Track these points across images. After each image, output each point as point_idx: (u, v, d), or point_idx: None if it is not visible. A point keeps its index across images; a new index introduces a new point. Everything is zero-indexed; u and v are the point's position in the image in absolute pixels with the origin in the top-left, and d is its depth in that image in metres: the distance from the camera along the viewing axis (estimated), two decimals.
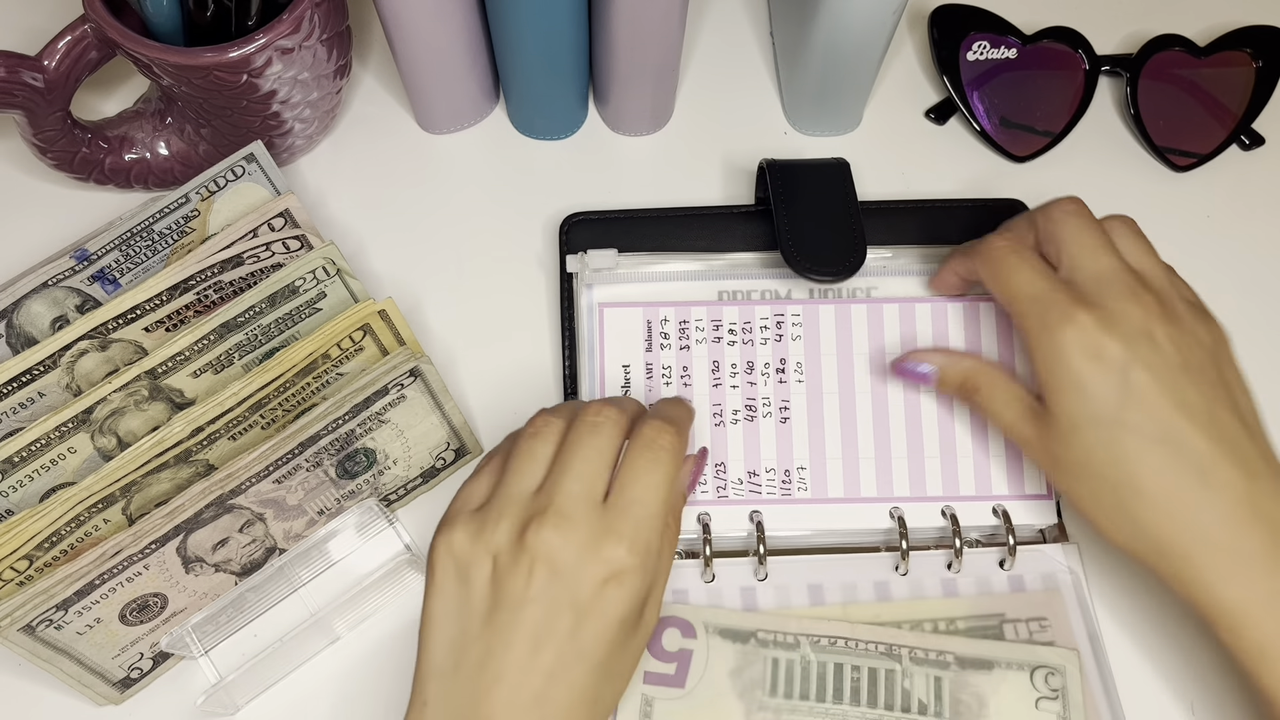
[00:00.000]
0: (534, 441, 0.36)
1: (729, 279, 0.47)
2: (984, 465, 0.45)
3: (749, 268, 0.47)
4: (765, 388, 0.45)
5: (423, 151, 0.54)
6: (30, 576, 0.38)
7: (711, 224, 0.49)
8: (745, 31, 0.58)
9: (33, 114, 0.44)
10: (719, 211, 0.49)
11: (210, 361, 0.41)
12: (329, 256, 0.42)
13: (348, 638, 0.44)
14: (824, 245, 0.45)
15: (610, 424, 0.36)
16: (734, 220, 0.49)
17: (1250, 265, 0.52)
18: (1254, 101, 0.54)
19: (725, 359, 0.46)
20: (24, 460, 0.39)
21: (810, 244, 0.45)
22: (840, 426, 0.45)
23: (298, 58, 0.45)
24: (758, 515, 0.44)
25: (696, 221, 0.49)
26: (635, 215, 0.49)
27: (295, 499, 0.42)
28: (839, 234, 0.45)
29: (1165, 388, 0.37)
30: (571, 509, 0.34)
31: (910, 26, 0.58)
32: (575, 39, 0.48)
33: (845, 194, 0.47)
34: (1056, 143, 0.54)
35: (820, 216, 0.46)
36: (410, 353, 0.41)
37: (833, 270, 0.45)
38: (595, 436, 0.36)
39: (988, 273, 0.41)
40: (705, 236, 0.48)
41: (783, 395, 0.45)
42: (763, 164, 0.48)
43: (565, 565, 0.33)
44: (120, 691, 0.42)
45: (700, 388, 0.45)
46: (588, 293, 0.47)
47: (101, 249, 0.43)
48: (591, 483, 0.35)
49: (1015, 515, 0.44)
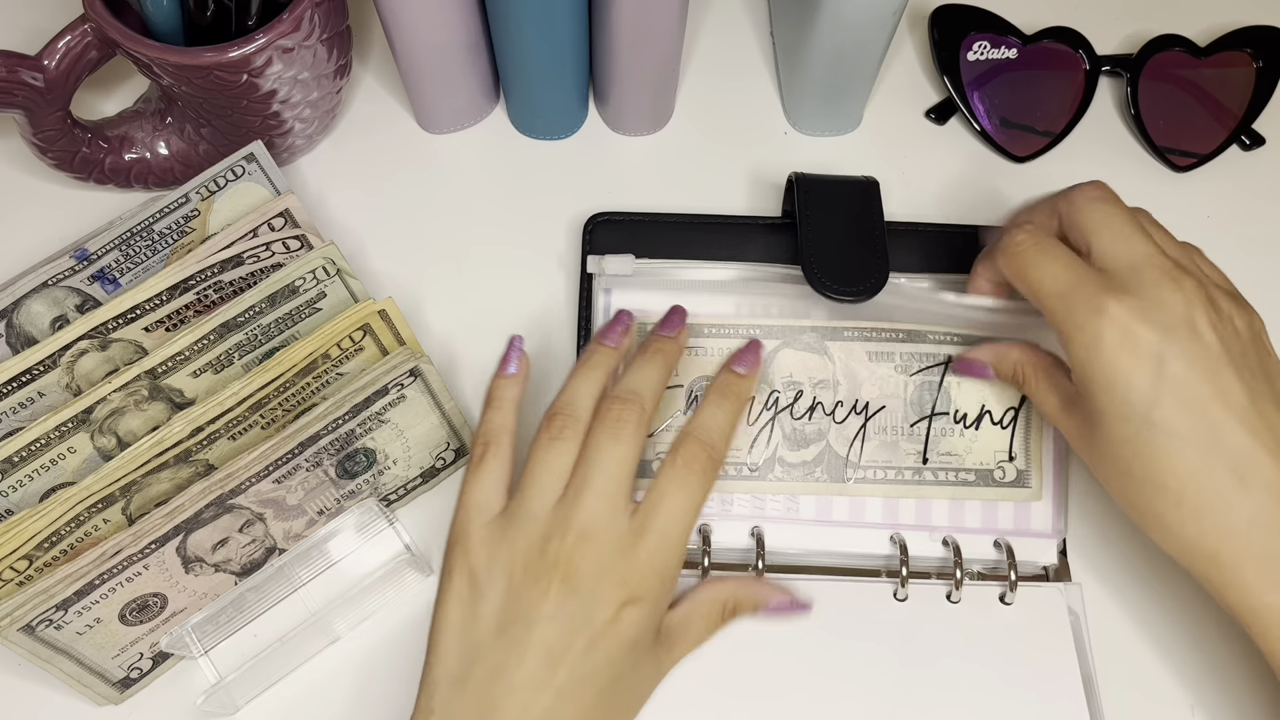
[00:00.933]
0: (553, 448, 0.35)
1: (747, 293, 0.46)
2: (991, 499, 0.44)
3: (769, 282, 0.46)
4: (775, 402, 0.45)
5: (423, 151, 0.54)
6: (30, 576, 0.38)
7: (736, 234, 0.48)
8: (745, 31, 0.58)
9: (33, 114, 0.44)
10: (745, 222, 0.49)
11: (210, 361, 0.41)
12: (329, 256, 0.42)
13: (348, 638, 0.44)
14: (846, 265, 0.44)
15: (632, 428, 0.35)
16: (759, 232, 0.48)
17: (1250, 265, 0.52)
18: (1254, 102, 0.54)
19: None
20: (24, 460, 0.39)
21: (832, 262, 0.44)
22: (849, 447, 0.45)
23: (298, 57, 0.45)
24: (759, 530, 0.44)
25: (722, 230, 0.48)
26: (661, 219, 0.49)
27: (295, 499, 0.41)
28: (862, 254, 0.45)
29: (1205, 379, 0.34)
30: (594, 527, 0.33)
31: (910, 26, 0.58)
32: (575, 39, 0.48)
33: (872, 213, 0.46)
34: (1057, 143, 0.54)
35: (845, 235, 0.45)
36: (410, 353, 0.41)
37: (852, 291, 0.44)
38: (617, 444, 0.35)
39: (1012, 270, 0.39)
40: (729, 246, 0.48)
41: (795, 411, 0.45)
42: (792, 177, 0.47)
43: (585, 585, 0.33)
44: (120, 691, 0.42)
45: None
46: (605, 296, 0.46)
47: (101, 249, 0.43)
48: (614, 498, 0.34)
49: (1019, 551, 0.43)
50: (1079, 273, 0.36)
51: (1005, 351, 0.42)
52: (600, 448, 0.35)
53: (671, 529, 0.34)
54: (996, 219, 0.44)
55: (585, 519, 0.33)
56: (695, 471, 0.35)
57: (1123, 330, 0.35)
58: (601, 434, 0.35)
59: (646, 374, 0.38)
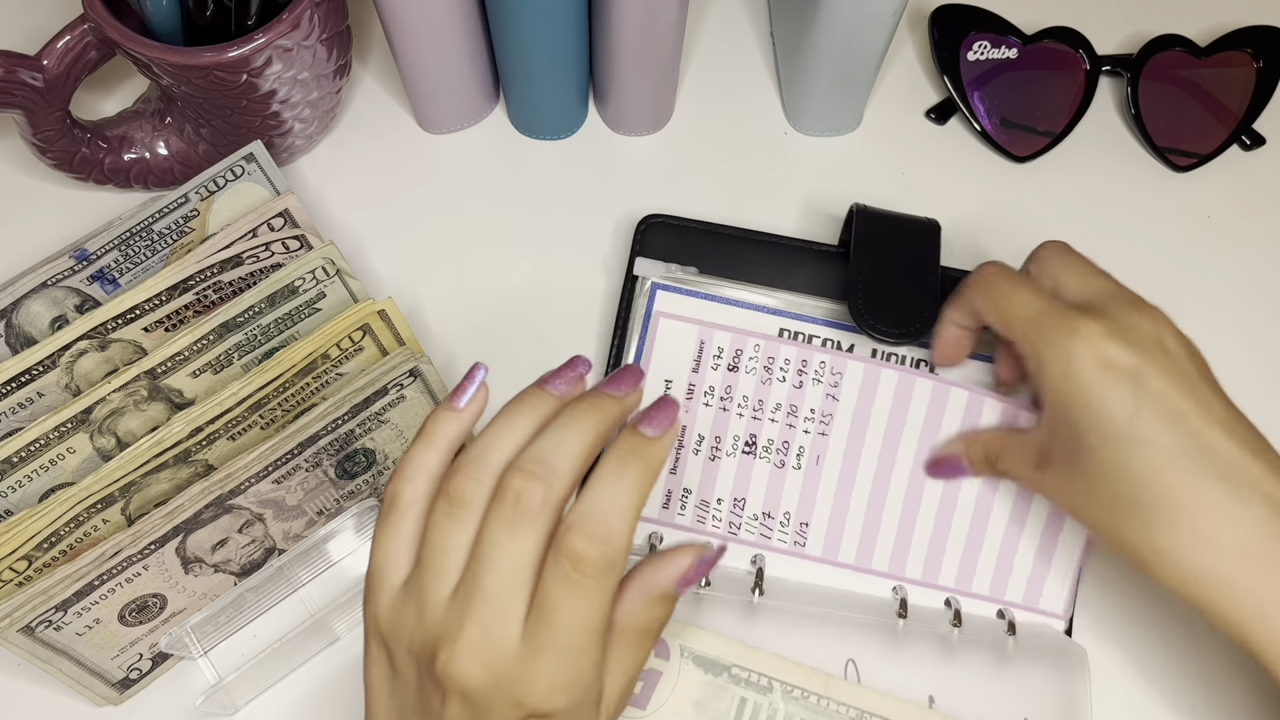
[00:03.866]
0: (450, 524, 0.29)
1: (791, 319, 0.45)
2: (1005, 569, 0.43)
3: (814, 314, 0.45)
4: (804, 435, 0.44)
5: (423, 151, 0.54)
6: (29, 577, 0.38)
7: (786, 254, 0.47)
8: (745, 31, 0.58)
9: (32, 114, 0.44)
10: (796, 244, 0.47)
11: (210, 361, 0.41)
12: (328, 256, 0.42)
13: (347, 638, 0.44)
14: (894, 305, 0.43)
15: (533, 516, 0.28)
16: (811, 257, 0.47)
17: (1250, 265, 0.52)
18: (1254, 102, 0.54)
19: (770, 396, 0.44)
20: (23, 460, 0.39)
21: (879, 301, 0.43)
22: (870, 493, 0.43)
23: (297, 57, 0.45)
24: (760, 560, 0.43)
25: (771, 249, 0.47)
26: (713, 229, 0.47)
27: (295, 499, 0.41)
28: (912, 296, 0.44)
29: (1184, 393, 0.34)
30: (483, 641, 0.28)
31: (910, 26, 0.58)
32: (575, 39, 0.48)
33: (928, 257, 0.45)
34: (1057, 143, 0.54)
35: (897, 275, 0.44)
36: (410, 353, 0.41)
37: (895, 332, 0.43)
38: (513, 537, 0.28)
39: (985, 300, 0.38)
40: (778, 267, 0.47)
41: (819, 447, 0.44)
42: (853, 209, 0.46)
43: (481, 701, 0.28)
44: (120, 692, 0.42)
45: (737, 415, 0.44)
46: (648, 299, 0.45)
47: (101, 249, 0.43)
48: (506, 606, 0.28)
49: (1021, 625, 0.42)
50: (1050, 299, 0.37)
51: (972, 436, 0.42)
52: (494, 540, 0.28)
53: (571, 642, 0.28)
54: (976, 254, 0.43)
55: (473, 633, 0.28)
56: (589, 575, 0.28)
57: (1098, 349, 0.35)
58: (496, 519, 0.29)
59: (565, 439, 0.29)
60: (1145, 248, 0.52)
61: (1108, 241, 0.52)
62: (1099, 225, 0.52)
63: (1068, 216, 0.52)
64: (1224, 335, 0.49)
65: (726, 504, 0.44)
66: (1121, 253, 0.52)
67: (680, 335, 0.45)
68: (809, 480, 0.44)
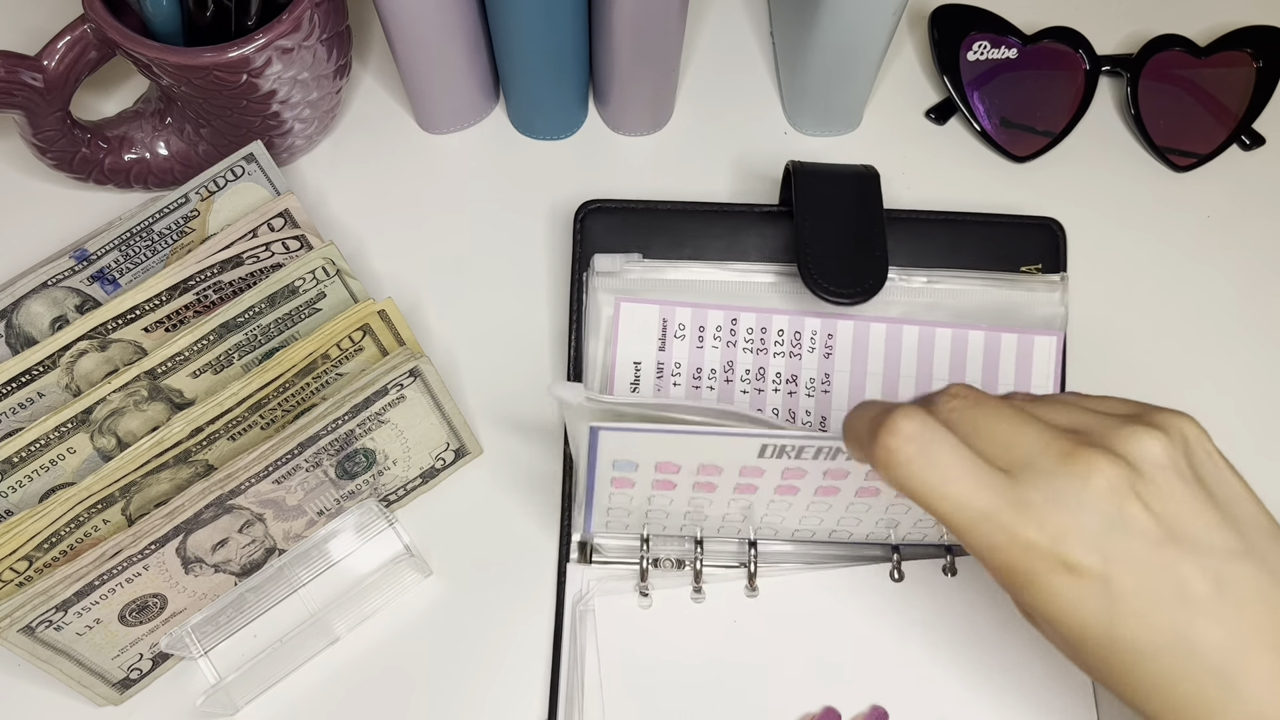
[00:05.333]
0: None
1: (744, 295, 0.46)
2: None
3: (766, 287, 0.46)
4: (775, 398, 0.45)
5: (423, 151, 0.54)
6: (30, 577, 0.38)
7: (731, 222, 0.47)
8: (745, 31, 0.58)
9: (32, 114, 0.44)
10: (739, 210, 0.47)
11: (210, 362, 0.41)
12: (329, 256, 0.42)
13: (347, 638, 0.44)
14: (844, 265, 0.44)
15: None
16: (754, 220, 0.47)
17: (1250, 265, 0.52)
18: (1254, 101, 0.54)
19: (738, 364, 0.45)
20: (23, 460, 0.39)
21: (830, 262, 0.44)
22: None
23: (297, 58, 0.45)
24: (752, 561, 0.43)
25: (715, 218, 0.47)
26: (654, 207, 0.48)
27: (295, 499, 0.41)
28: (860, 254, 0.44)
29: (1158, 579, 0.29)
30: None
31: (910, 26, 0.58)
32: (575, 39, 0.48)
33: (871, 207, 0.45)
34: (1057, 143, 0.54)
35: (843, 233, 0.44)
36: (410, 353, 0.41)
37: (849, 294, 0.43)
38: None
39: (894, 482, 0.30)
40: (723, 235, 0.47)
41: (789, 408, 0.45)
42: (789, 166, 0.47)
43: None
44: (120, 692, 0.42)
45: (709, 388, 0.45)
46: (602, 284, 0.46)
47: (101, 249, 0.43)
48: None
49: None
50: (984, 493, 0.29)
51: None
52: None
53: None
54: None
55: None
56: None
57: (1055, 564, 0.29)
58: None
59: None
60: (1145, 248, 0.52)
61: (1108, 242, 0.52)
62: (1099, 225, 0.52)
63: (1068, 217, 0.52)
64: (1224, 336, 0.50)
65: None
66: (1121, 253, 0.52)
67: (642, 316, 0.45)
68: None
